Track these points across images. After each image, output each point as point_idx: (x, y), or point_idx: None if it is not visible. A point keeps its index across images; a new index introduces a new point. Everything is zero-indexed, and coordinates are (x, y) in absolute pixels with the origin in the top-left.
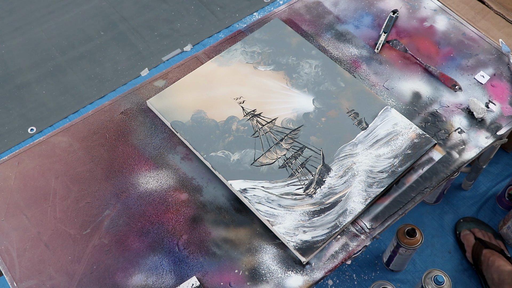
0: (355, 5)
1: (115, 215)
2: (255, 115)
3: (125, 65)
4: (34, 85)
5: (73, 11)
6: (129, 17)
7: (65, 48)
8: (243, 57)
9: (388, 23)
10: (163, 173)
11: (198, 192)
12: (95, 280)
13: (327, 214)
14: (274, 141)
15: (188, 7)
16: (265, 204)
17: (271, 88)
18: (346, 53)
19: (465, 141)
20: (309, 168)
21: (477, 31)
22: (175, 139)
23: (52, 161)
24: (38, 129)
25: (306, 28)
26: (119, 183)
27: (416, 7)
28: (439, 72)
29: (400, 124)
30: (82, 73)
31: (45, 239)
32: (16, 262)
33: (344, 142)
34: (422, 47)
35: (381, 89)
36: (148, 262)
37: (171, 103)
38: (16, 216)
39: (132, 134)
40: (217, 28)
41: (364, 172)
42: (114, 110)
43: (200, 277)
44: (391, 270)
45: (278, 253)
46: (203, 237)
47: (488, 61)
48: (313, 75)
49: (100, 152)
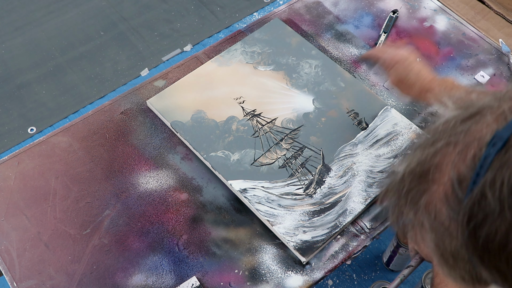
0: (355, 5)
1: (115, 215)
2: (255, 115)
3: (125, 65)
4: (34, 85)
5: (73, 11)
6: (129, 17)
7: (65, 48)
8: (243, 57)
9: (388, 23)
10: (163, 173)
11: (198, 192)
12: (95, 280)
13: (327, 214)
14: (274, 141)
15: (188, 7)
16: (265, 204)
17: (271, 88)
18: (346, 53)
19: None
20: (309, 168)
21: (477, 31)
22: (175, 139)
23: (52, 161)
24: (38, 129)
25: (306, 28)
26: (119, 183)
27: (416, 7)
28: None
29: (400, 124)
30: (82, 73)
31: (45, 239)
32: (16, 262)
33: (344, 142)
34: (422, 47)
35: (381, 89)
36: (148, 262)
37: (171, 103)
38: (16, 216)
39: (132, 134)
40: (217, 28)
41: (364, 172)
42: (114, 110)
43: (200, 277)
44: (391, 270)
45: (278, 253)
46: (203, 237)
47: (488, 61)
48: (313, 75)
49: (100, 152)
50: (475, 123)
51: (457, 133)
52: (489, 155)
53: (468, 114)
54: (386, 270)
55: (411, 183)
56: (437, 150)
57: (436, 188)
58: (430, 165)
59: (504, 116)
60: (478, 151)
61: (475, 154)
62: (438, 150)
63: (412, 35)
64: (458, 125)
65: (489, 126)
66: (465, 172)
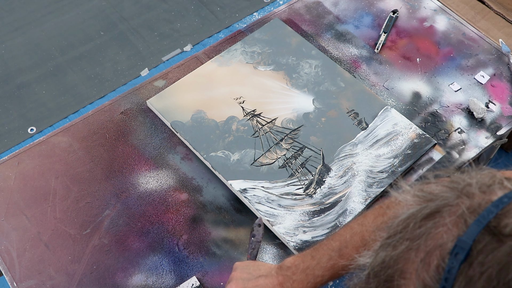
0: (355, 5)
1: (115, 215)
2: (255, 115)
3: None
4: (34, 85)
5: (73, 11)
6: (129, 17)
7: (65, 48)
8: (243, 57)
9: (388, 23)
10: (163, 173)
11: (198, 192)
12: (95, 280)
13: (327, 214)
14: (274, 141)
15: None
16: (265, 204)
17: (271, 88)
18: (346, 53)
19: (465, 141)
20: (309, 168)
21: (477, 31)
22: (175, 139)
23: (52, 161)
24: (38, 129)
25: (306, 28)
26: (119, 183)
27: (416, 7)
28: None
29: (400, 124)
30: (82, 73)
31: (45, 239)
32: (16, 262)
33: (344, 142)
34: (422, 47)
35: (381, 89)
36: (148, 262)
37: (171, 103)
38: (16, 216)
39: (132, 134)
40: (217, 28)
41: (364, 172)
42: (114, 110)
43: (200, 277)
44: None
45: (278, 253)
46: (203, 237)
47: (488, 61)
48: (313, 75)
49: (100, 152)
50: (435, 226)
51: (418, 236)
52: (453, 268)
53: (426, 213)
54: None
55: (377, 287)
56: (399, 255)
57: None
58: (394, 271)
59: (463, 219)
60: (441, 261)
61: (438, 264)
62: (400, 255)
63: (412, 35)
64: (417, 227)
65: (450, 231)
66: (431, 284)
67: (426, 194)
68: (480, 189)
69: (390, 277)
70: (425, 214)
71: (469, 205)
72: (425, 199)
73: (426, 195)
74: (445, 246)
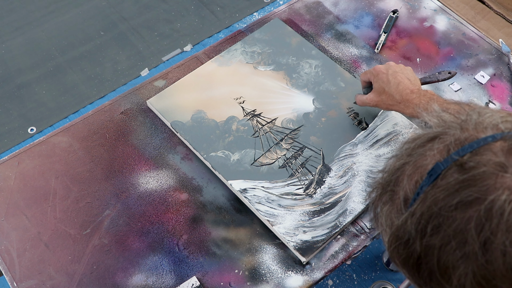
0: (355, 5)
1: (115, 215)
2: (255, 115)
3: (125, 65)
4: (34, 85)
5: (73, 11)
6: (129, 17)
7: (65, 48)
8: (243, 57)
9: (388, 23)
10: (163, 173)
11: (198, 192)
12: (95, 280)
13: (327, 214)
14: (274, 141)
15: (188, 7)
16: (265, 204)
17: (271, 88)
18: (346, 53)
19: None
20: (309, 168)
21: (477, 31)
22: (175, 139)
23: (52, 161)
24: (38, 129)
25: (306, 28)
26: (119, 183)
27: (416, 7)
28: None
29: (400, 124)
30: (82, 73)
31: (45, 239)
32: (16, 262)
33: (344, 142)
34: (422, 47)
35: None
36: (148, 262)
37: (171, 103)
38: (16, 216)
39: (132, 134)
40: (217, 28)
41: (364, 172)
42: (114, 110)
43: (200, 277)
44: (391, 270)
45: (278, 253)
46: (203, 237)
47: (488, 61)
48: (313, 75)
49: (100, 152)
50: (429, 149)
51: (414, 155)
52: (424, 185)
53: (428, 137)
54: (386, 270)
55: (384, 187)
56: (399, 166)
57: (396, 198)
58: (394, 179)
59: (448, 148)
60: (419, 178)
61: (417, 180)
62: (399, 166)
63: (412, 35)
64: (417, 147)
65: (434, 156)
66: (409, 194)
67: (440, 121)
68: (474, 126)
69: (390, 183)
70: (427, 137)
71: (457, 138)
72: (437, 124)
73: (439, 121)
74: (426, 167)
